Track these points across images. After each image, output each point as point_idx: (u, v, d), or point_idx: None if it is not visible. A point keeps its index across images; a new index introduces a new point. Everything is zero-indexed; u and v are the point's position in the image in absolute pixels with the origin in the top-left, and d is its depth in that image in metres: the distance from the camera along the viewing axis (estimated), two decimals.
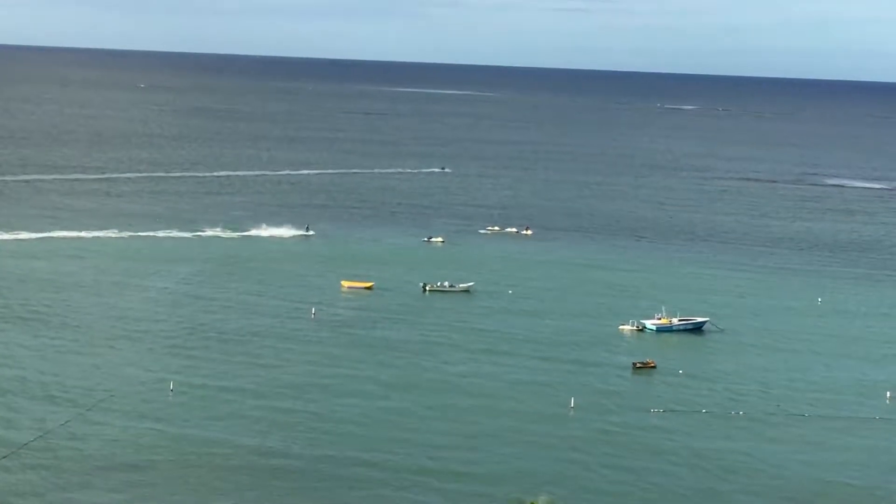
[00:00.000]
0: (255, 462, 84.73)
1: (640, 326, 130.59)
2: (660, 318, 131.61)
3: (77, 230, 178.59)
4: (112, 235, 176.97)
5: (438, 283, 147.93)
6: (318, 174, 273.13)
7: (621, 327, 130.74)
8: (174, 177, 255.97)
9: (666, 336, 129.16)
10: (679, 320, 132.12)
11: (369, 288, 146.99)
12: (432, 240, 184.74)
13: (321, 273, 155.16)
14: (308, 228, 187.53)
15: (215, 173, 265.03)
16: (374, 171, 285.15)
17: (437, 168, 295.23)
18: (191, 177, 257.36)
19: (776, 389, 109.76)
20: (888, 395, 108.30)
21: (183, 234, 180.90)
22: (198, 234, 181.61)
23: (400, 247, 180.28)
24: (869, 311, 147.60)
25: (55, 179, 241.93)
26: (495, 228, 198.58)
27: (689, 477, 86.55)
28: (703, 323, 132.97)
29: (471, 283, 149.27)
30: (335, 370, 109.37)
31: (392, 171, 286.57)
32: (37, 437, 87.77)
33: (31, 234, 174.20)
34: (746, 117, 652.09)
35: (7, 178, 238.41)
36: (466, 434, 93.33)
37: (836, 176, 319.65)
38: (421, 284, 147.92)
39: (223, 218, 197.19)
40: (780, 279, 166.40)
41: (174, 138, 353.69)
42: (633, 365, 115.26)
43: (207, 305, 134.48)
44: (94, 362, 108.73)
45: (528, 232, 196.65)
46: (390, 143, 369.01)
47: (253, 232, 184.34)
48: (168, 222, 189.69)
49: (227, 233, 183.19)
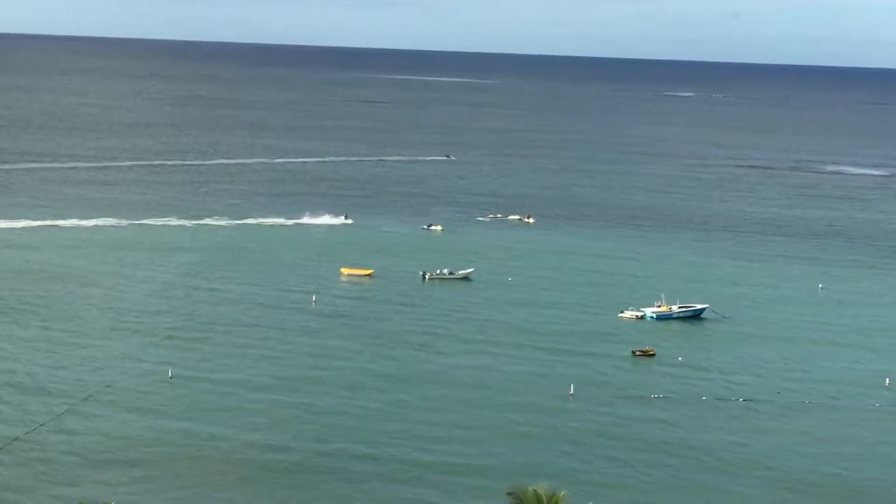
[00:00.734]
0: (253, 455, 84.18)
1: (640, 314, 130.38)
2: (659, 306, 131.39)
3: (75, 218, 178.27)
4: (109, 224, 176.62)
5: (438, 271, 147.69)
6: (318, 162, 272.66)
7: (621, 315, 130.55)
8: (172, 165, 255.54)
9: (665, 323, 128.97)
10: (679, 307, 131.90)
11: (369, 275, 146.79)
12: (432, 227, 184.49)
13: (321, 260, 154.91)
14: (347, 216, 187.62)
15: (214, 161, 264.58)
16: (374, 158, 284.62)
17: (443, 156, 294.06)
18: (190, 165, 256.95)
19: (776, 377, 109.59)
20: (887, 382, 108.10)
21: (181, 222, 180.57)
22: (196, 222, 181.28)
23: (400, 234, 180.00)
24: (869, 298, 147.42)
25: (53, 168, 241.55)
26: (498, 216, 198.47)
27: (688, 464, 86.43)
28: (703, 310, 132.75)
29: (470, 271, 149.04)
30: (334, 361, 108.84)
31: (392, 158, 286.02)
32: (29, 431, 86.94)
33: (28, 222, 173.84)
34: (743, 104, 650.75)
35: (5, 167, 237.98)
36: (465, 422, 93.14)
37: (834, 163, 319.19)
38: (420, 272, 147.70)
39: (222, 206, 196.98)
40: (780, 266, 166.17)
41: (172, 126, 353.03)
42: (633, 352, 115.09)
43: (207, 294, 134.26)
44: (91, 353, 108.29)
45: (530, 220, 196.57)
46: (390, 131, 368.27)
47: (259, 220, 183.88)
48: (166, 210, 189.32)
49: (225, 221, 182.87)
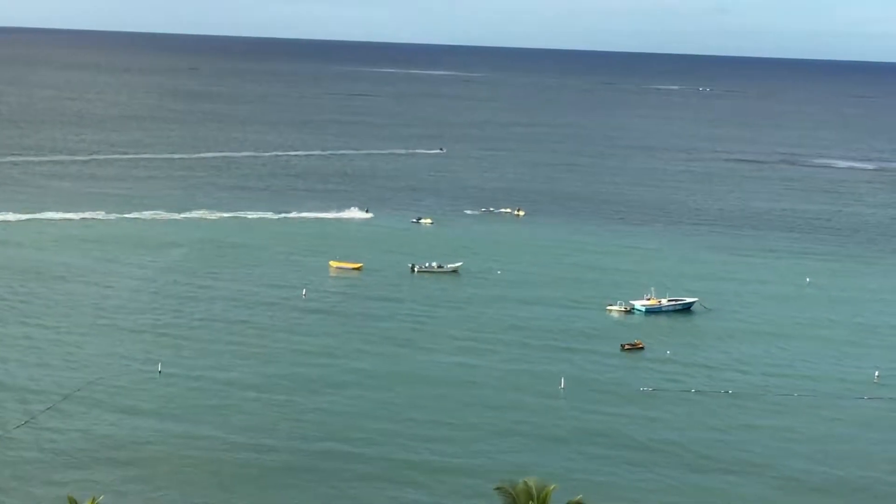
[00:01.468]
0: (241, 455, 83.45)
1: (629, 307, 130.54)
2: (649, 299, 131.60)
3: (61, 212, 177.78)
4: (97, 217, 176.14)
5: (427, 264, 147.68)
6: (307, 156, 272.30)
7: (609, 308, 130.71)
8: (159, 158, 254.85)
9: (654, 317, 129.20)
10: (668, 301, 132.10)
11: (358, 269, 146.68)
12: (421, 221, 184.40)
13: (309, 254, 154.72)
14: (367, 210, 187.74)
15: (201, 155, 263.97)
16: (362, 152, 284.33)
17: (432, 150, 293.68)
18: (177, 158, 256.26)
19: (764, 370, 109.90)
20: (876, 375, 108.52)
21: (169, 215, 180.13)
22: (184, 215, 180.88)
23: (389, 228, 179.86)
24: (857, 291, 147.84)
25: (39, 161, 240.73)
26: (491, 209, 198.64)
27: (676, 458, 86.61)
28: (692, 303, 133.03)
29: (459, 264, 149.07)
30: (323, 357, 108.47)
31: (380, 152, 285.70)
32: (17, 426, 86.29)
33: (16, 215, 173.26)
34: (728, 97, 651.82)
35: None
36: (454, 418, 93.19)
37: (821, 156, 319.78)
38: (409, 265, 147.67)
39: (210, 200, 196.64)
40: (769, 260, 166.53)
41: (159, 120, 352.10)
42: (622, 346, 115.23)
43: (196, 289, 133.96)
44: (79, 349, 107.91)
45: (520, 213, 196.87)
46: (378, 125, 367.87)
47: (237, 214, 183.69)
48: (154, 204, 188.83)
49: (213, 214, 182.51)
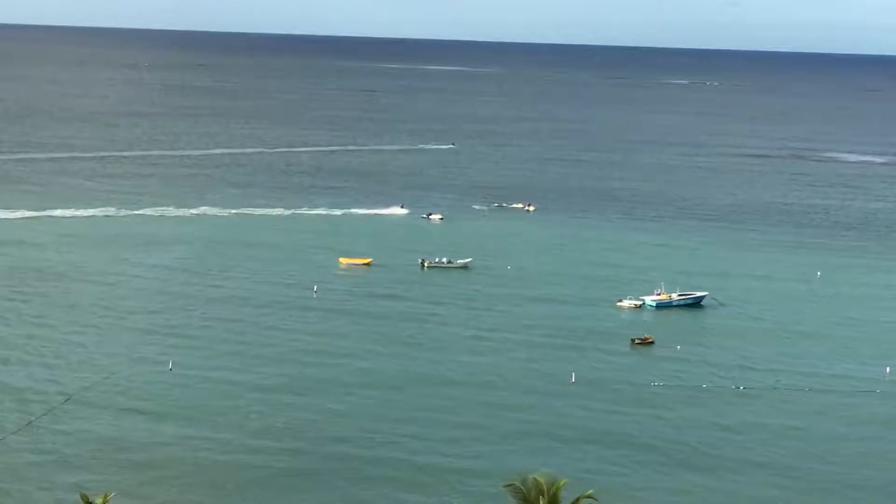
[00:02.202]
0: (251, 453, 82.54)
1: (640, 302, 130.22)
2: (659, 294, 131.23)
3: (72, 209, 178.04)
4: (107, 214, 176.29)
5: (437, 260, 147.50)
6: (316, 152, 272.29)
7: (620, 303, 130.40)
8: (168, 155, 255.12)
9: (665, 312, 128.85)
10: (678, 295, 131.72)
11: (367, 264, 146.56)
12: (431, 216, 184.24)
13: (319, 250, 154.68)
14: (403, 206, 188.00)
15: (211, 151, 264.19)
16: (372, 147, 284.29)
17: (443, 145, 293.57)
18: (186, 155, 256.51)
19: (775, 365, 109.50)
20: (888, 370, 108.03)
21: (179, 212, 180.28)
22: (193, 211, 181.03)
23: (398, 223, 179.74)
24: (868, 285, 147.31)
25: (49, 158, 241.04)
26: (504, 204, 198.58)
27: (686, 453, 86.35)
28: (703, 297, 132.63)
29: (469, 260, 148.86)
30: (334, 356, 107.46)
31: (390, 147, 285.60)
32: (20, 428, 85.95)
33: (23, 213, 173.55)
34: (737, 92, 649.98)
35: (1, 157, 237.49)
36: (466, 412, 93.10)
37: (829, 150, 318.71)
38: (419, 261, 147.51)
39: (219, 196, 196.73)
40: (779, 254, 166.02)
41: (167, 116, 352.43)
42: (632, 341, 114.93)
43: (205, 286, 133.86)
44: (89, 345, 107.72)
45: (531, 208, 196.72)
46: (388, 120, 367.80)
47: (246, 210, 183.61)
48: (163, 201, 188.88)
49: (223, 211, 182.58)
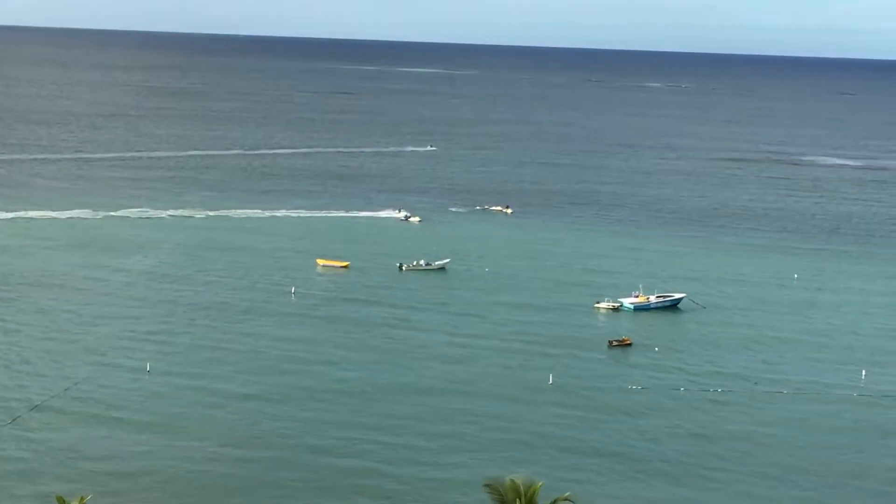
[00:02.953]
0: (227, 463, 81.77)
1: (617, 304, 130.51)
2: (637, 296, 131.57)
3: (47, 211, 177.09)
4: (84, 216, 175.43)
5: (415, 262, 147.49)
6: (294, 153, 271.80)
7: (597, 305, 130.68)
8: (145, 156, 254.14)
9: (643, 314, 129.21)
10: (656, 298, 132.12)
11: (345, 267, 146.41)
12: (409, 218, 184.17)
13: (297, 252, 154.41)
14: (400, 210, 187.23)
15: (189, 153, 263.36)
16: (351, 149, 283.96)
17: (421, 147, 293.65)
18: (163, 156, 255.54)
19: (752, 367, 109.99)
20: (864, 374, 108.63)
21: (156, 213, 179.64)
22: (171, 213, 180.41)
23: (377, 225, 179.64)
24: (844, 288, 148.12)
25: (24, 160, 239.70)
26: (486, 206, 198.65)
27: (666, 453, 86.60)
28: (681, 299, 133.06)
29: (447, 262, 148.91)
30: (311, 364, 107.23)
31: (369, 149, 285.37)
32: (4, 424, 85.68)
33: (2, 213, 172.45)
34: (712, 94, 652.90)
35: None
36: (443, 414, 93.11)
37: (804, 153, 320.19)
38: (397, 263, 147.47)
39: (197, 198, 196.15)
40: (756, 256, 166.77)
41: (145, 118, 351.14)
42: (610, 343, 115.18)
43: (184, 287, 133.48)
44: (62, 350, 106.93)
45: (508, 210, 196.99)
46: (367, 122, 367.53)
47: (224, 212, 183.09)
48: (141, 203, 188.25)
49: (201, 212, 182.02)
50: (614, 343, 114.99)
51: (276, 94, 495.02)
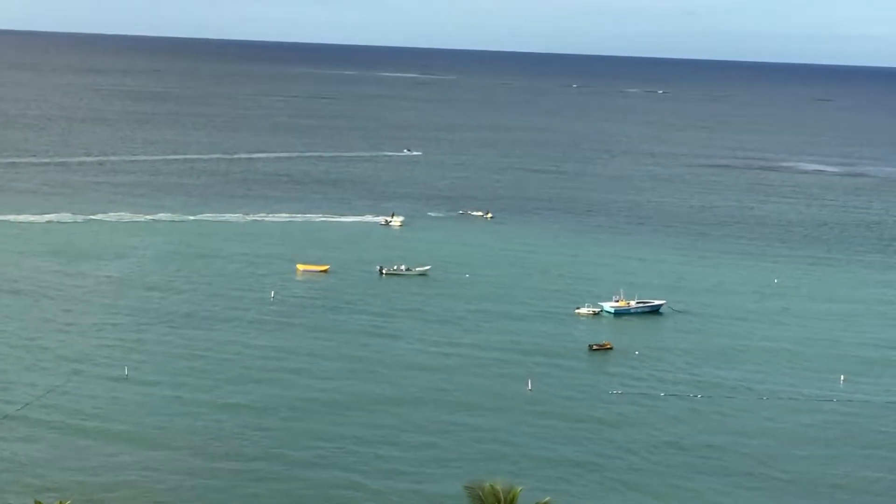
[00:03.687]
0: (199, 476, 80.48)
1: (598, 309, 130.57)
2: (618, 301, 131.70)
3: (26, 214, 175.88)
4: (62, 220, 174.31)
5: (395, 267, 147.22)
6: (273, 158, 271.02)
7: (578, 310, 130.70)
8: (126, 160, 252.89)
9: (623, 318, 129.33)
10: (637, 303, 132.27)
11: (325, 271, 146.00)
12: (390, 223, 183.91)
13: (277, 256, 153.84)
14: (393, 215, 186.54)
15: (168, 157, 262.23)
16: (330, 154, 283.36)
17: (400, 151, 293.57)
18: (142, 161, 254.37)
19: (732, 371, 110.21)
20: (842, 379, 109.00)
21: (135, 217, 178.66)
22: (150, 217, 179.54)
23: (357, 230, 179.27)
24: (824, 293, 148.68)
25: (2, 163, 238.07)
26: (469, 212, 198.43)
27: (643, 459, 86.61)
28: (661, 305, 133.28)
29: (427, 267, 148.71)
30: (290, 362, 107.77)
31: (348, 154, 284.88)
32: None
33: None
34: (690, 100, 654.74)
35: None
36: (423, 419, 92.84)
37: (784, 160, 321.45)
38: (377, 268, 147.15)
39: (176, 202, 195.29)
40: (737, 262, 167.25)
41: (123, 122, 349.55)
42: (590, 347, 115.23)
43: (163, 292, 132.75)
44: (38, 354, 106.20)
45: (489, 215, 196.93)
46: (346, 127, 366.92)
47: (203, 216, 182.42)
48: (119, 206, 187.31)
49: (180, 217, 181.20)
50: (595, 347, 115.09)
51: (255, 99, 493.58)
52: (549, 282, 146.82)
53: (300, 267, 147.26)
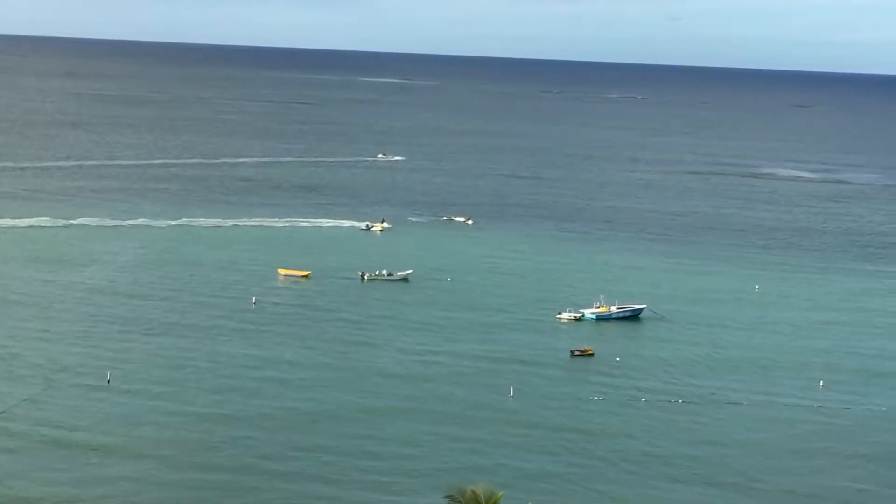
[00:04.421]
0: (179, 482, 79.32)
1: (579, 315, 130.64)
2: (598, 307, 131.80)
3: (5, 218, 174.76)
4: (42, 225, 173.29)
5: (377, 272, 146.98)
6: (255, 162, 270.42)
7: (559, 316, 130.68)
8: (106, 165, 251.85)
9: (604, 324, 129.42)
10: (617, 308, 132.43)
11: (306, 276, 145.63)
12: (371, 228, 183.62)
13: (257, 261, 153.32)
14: (383, 220, 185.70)
15: (149, 161, 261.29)
16: (312, 159, 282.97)
17: (376, 156, 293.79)
18: (122, 165, 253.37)
19: (712, 377, 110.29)
20: (821, 384, 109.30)
21: (115, 222, 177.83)
22: (131, 222, 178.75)
23: (338, 235, 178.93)
24: (804, 299, 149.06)
25: None
26: (452, 217, 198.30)
27: (625, 465, 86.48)
28: (642, 309, 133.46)
29: (409, 272, 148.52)
30: (271, 369, 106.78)
31: (330, 159, 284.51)
32: None
33: None
34: (669, 106, 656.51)
35: None
36: (404, 426, 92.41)
37: (764, 166, 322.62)
38: (359, 273, 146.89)
39: (157, 207, 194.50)
40: (718, 267, 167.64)
41: (103, 126, 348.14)
42: (571, 353, 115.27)
43: (143, 298, 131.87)
44: (17, 361, 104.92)
45: (470, 221, 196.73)
46: (328, 132, 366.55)
47: (183, 221, 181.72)
48: (99, 211, 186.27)
49: (160, 221, 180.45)
50: (576, 353, 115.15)
51: (235, 103, 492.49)
52: (531, 287, 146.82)
53: (281, 272, 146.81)
